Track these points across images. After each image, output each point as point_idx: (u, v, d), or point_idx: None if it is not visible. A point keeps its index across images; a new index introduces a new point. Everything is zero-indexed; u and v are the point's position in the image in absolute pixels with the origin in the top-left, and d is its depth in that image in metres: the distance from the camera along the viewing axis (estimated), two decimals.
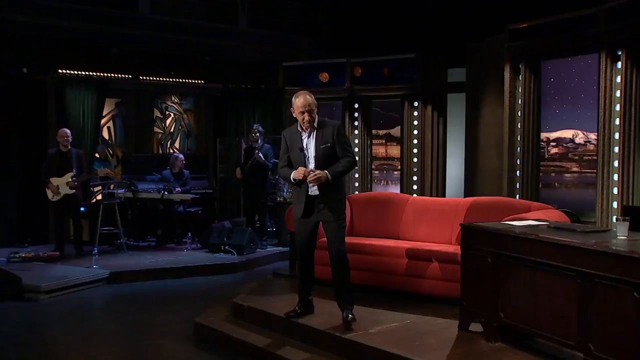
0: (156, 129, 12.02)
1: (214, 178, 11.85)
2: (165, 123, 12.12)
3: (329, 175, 5.02)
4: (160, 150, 11.94)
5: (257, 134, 9.77)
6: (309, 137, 5.18)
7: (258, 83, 12.15)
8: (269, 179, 9.94)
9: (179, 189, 9.85)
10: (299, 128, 5.21)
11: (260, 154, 9.59)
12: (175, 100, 12.22)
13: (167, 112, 12.15)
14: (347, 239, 6.44)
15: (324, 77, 11.41)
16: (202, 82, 12.05)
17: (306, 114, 5.09)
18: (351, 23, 12.50)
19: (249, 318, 5.77)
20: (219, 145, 11.87)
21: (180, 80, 11.88)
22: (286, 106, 11.80)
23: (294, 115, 5.19)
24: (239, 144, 11.22)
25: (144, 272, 8.30)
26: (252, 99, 11.84)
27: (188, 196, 9.79)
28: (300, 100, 5.11)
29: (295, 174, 5.09)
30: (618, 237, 4.07)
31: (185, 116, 12.32)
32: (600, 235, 4.21)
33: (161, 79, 11.71)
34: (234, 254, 9.08)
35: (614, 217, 7.07)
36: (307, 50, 12.79)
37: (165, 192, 9.61)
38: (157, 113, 12.03)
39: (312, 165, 5.14)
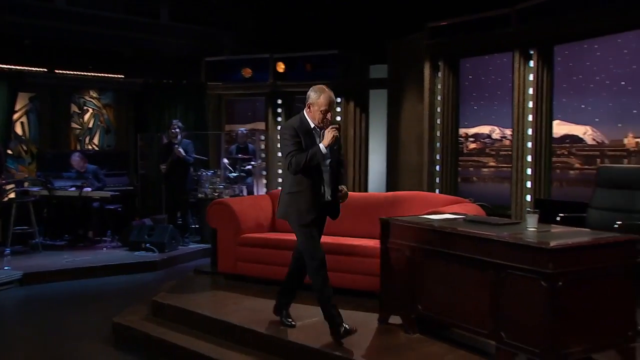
0: (74, 125, 11.64)
1: (134, 175, 11.59)
2: (83, 118, 11.76)
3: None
4: (79, 147, 11.57)
5: (177, 130, 9.61)
6: (319, 136, 4.63)
7: (180, 78, 11.95)
8: (191, 174, 9.80)
9: (88, 188, 9.54)
10: (311, 125, 4.62)
11: (181, 149, 9.44)
12: (94, 95, 11.87)
13: (85, 107, 11.78)
14: (269, 235, 6.51)
15: (247, 72, 11.35)
16: (122, 76, 11.75)
17: (329, 114, 4.61)
18: (274, 19, 12.47)
19: (169, 316, 5.67)
20: (140, 141, 11.62)
21: (99, 74, 11.54)
22: (209, 101, 11.71)
23: (312, 110, 4.61)
24: (161, 140, 11.02)
25: (59, 272, 8.01)
26: (174, 94, 11.65)
27: (107, 193, 9.53)
28: (326, 97, 4.56)
29: (329, 139, 4.50)
30: (528, 228, 4.21)
31: (104, 111, 11.99)
32: (512, 228, 4.34)
33: (79, 73, 11.32)
34: (155, 252, 8.91)
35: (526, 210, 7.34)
36: (230, 45, 12.68)
37: (86, 189, 9.34)
38: (74, 108, 11.65)
39: (328, 169, 4.67)
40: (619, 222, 4.55)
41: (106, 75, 11.62)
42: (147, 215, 10.73)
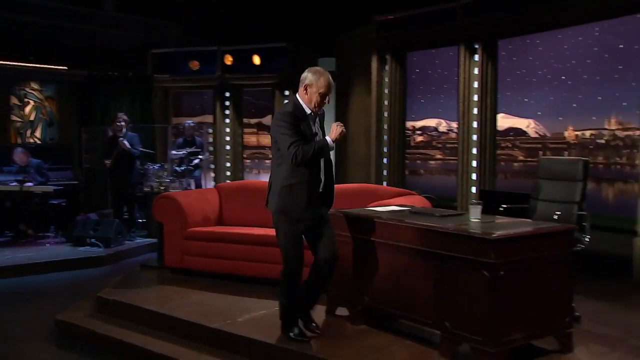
0: (14, 117, 11.29)
1: (79, 169, 11.33)
2: (24, 111, 11.41)
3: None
4: (20, 140, 11.24)
5: (122, 123, 9.43)
6: (314, 122, 4.42)
7: (126, 70, 11.73)
8: (137, 168, 9.64)
9: (30, 182, 9.30)
10: (307, 110, 4.34)
11: (125, 141, 9.28)
12: (36, 87, 11.53)
13: (26, 100, 11.43)
14: (216, 228, 6.46)
15: (194, 65, 11.21)
16: (65, 68, 11.46)
17: (328, 97, 4.35)
18: (222, 11, 12.35)
19: (114, 312, 5.58)
20: (84, 134, 11.37)
21: (41, 65, 11.22)
22: (156, 94, 11.53)
23: (308, 92, 4.30)
24: (106, 133, 10.80)
25: (0, 269, 7.79)
26: (120, 86, 11.43)
27: (50, 188, 9.30)
28: (326, 79, 4.28)
29: (337, 134, 4.31)
30: (472, 220, 4.29)
31: (46, 104, 11.66)
32: (456, 219, 4.42)
33: (18, 63, 10.98)
34: (101, 247, 8.74)
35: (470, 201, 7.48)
36: (177, 37, 12.49)
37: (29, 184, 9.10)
38: (14, 100, 11.30)
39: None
40: (558, 213, 4.67)
41: (48, 66, 11.31)
42: (92, 210, 10.52)
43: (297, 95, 4.37)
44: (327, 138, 4.31)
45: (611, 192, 6.80)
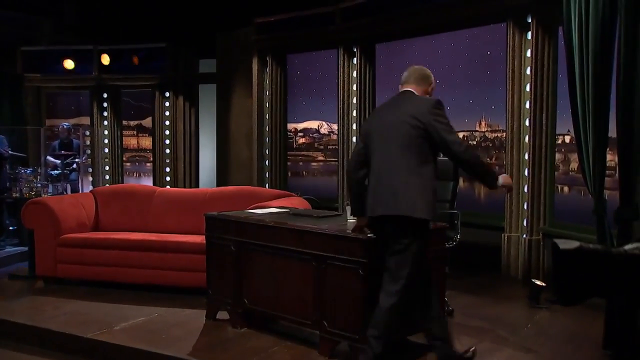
0: None
1: None
2: None
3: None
4: None
5: None
6: None
7: None
8: (6, 172, 9.11)
9: None
10: None
11: None
12: None
13: None
14: (92, 234, 6.24)
15: (69, 64, 10.73)
16: None
17: None
18: (99, 7, 11.89)
19: None
20: None
21: None
22: (27, 94, 10.95)
23: (429, 93, 3.98)
24: None
25: None
26: None
27: None
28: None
29: (507, 182, 3.79)
30: (348, 220, 4.37)
31: None
32: (333, 220, 4.50)
33: None
34: None
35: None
36: (49, 34, 11.90)
37: None
38: None
39: None
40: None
41: None
42: None
43: (417, 93, 3.92)
44: (500, 177, 3.75)
45: (482, 191, 7.14)
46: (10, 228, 9.49)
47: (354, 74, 8.17)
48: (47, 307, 5.43)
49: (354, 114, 8.18)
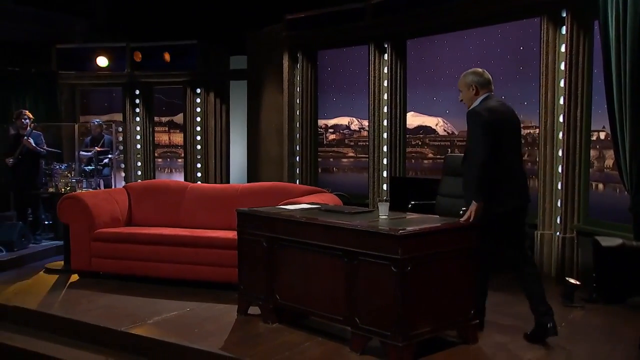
0: None
1: None
2: None
3: (474, 201, 4.16)
4: None
5: (27, 121, 9.06)
6: None
7: (28, 66, 11.21)
8: (42, 168, 9.28)
9: None
10: None
11: (31, 140, 8.92)
12: None
13: None
14: (125, 229, 6.31)
15: (102, 61, 10.88)
16: None
17: (460, 95, 4.48)
18: (131, 6, 12.02)
19: (15, 319, 5.33)
20: None
21: None
22: (61, 91, 11.12)
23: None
24: (7, 132, 10.31)
25: None
26: (21, 83, 10.91)
27: None
28: None
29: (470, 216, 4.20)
30: (380, 217, 4.37)
31: None
32: (365, 216, 4.49)
33: None
34: (3, 251, 8.34)
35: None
36: (83, 32, 12.06)
37: None
38: None
39: None
40: (464, 208, 4.81)
41: None
42: None
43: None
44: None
45: None
46: (46, 222, 9.67)
47: (385, 70, 8.14)
48: (82, 300, 5.52)
49: (385, 110, 8.16)
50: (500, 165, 4.15)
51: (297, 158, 9.19)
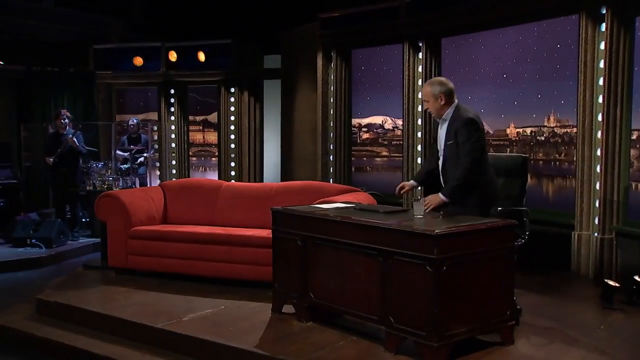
0: None
1: (18, 167, 11.01)
2: None
3: (444, 197, 4.46)
4: None
5: (66, 120, 9.23)
6: (440, 128, 4.66)
7: (66, 66, 11.42)
8: (80, 166, 9.44)
9: None
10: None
11: (75, 138, 9.09)
12: None
13: None
14: (161, 227, 6.39)
15: (138, 61, 11.03)
16: (2, 63, 11.09)
17: (425, 104, 4.71)
18: (166, 6, 12.16)
19: (55, 314, 5.44)
20: (24, 132, 11.04)
21: None
22: (98, 90, 11.30)
23: None
24: (47, 131, 10.51)
25: None
26: (60, 82, 11.13)
27: None
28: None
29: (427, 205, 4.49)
30: (415, 216, 4.34)
31: None
32: (400, 215, 4.47)
33: None
34: (42, 248, 8.52)
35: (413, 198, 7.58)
36: (120, 32, 12.25)
37: None
38: None
39: (441, 162, 4.66)
40: (499, 208, 4.76)
41: None
42: (32, 209, 10.24)
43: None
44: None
45: (551, 188, 6.98)
46: (84, 220, 9.84)
47: (420, 69, 8.09)
48: (119, 297, 5.59)
49: (419, 109, 8.11)
50: (488, 169, 4.59)
51: (331, 157, 9.19)
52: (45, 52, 11.55)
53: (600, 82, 6.11)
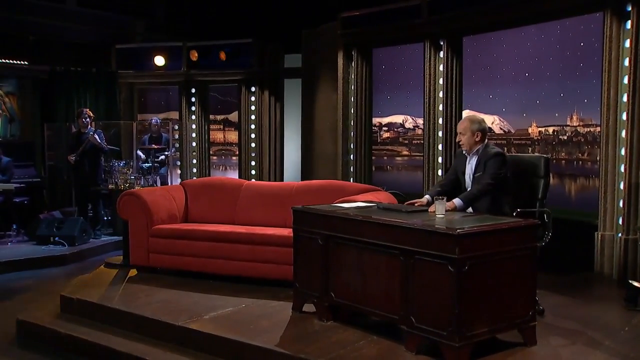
0: None
1: (42, 166, 11.13)
2: None
3: (458, 204, 4.68)
4: None
5: (87, 119, 9.32)
6: (468, 163, 4.98)
7: (89, 65, 11.52)
8: (102, 165, 9.53)
9: None
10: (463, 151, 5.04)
11: (97, 136, 9.18)
12: None
13: None
14: (182, 226, 6.42)
15: (160, 60, 11.09)
16: (26, 63, 11.22)
17: (459, 136, 4.97)
18: (187, 6, 12.24)
19: (78, 311, 5.48)
20: (47, 131, 11.16)
21: (1, 60, 10.95)
22: (120, 90, 11.39)
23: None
24: (69, 130, 10.62)
25: None
26: (83, 82, 11.23)
27: (11, 185, 9.12)
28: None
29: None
30: (437, 215, 4.33)
31: (7, 99, 11.41)
32: (422, 215, 4.45)
33: None
34: (65, 245, 8.61)
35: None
36: (142, 32, 12.33)
37: None
38: None
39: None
40: (519, 209, 4.74)
41: (8, 61, 11.03)
42: (56, 207, 10.35)
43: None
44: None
45: (573, 187, 6.91)
46: (106, 218, 9.93)
47: (441, 68, 8.06)
48: (141, 295, 5.63)
49: (440, 108, 8.07)
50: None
51: (352, 156, 9.18)
52: (68, 52, 11.66)
53: (625, 80, 6.04)
